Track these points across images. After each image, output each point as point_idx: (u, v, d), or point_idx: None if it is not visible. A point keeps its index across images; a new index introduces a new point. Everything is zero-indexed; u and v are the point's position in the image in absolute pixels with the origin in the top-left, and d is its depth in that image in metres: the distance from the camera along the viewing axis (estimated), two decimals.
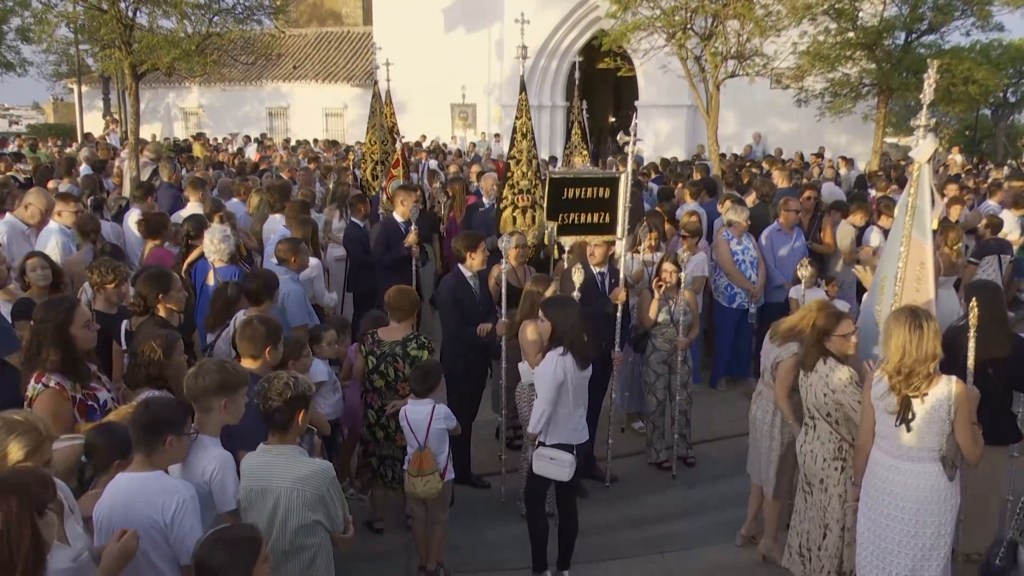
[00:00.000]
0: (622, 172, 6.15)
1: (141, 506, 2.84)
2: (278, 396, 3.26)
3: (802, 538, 4.41)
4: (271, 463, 3.29)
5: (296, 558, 3.28)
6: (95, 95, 29.74)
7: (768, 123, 21.99)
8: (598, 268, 6.04)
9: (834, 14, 14.89)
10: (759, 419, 4.93)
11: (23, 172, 12.36)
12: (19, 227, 5.85)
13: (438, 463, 4.63)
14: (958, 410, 3.61)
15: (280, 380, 3.32)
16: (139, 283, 4.67)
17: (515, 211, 7.48)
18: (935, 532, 3.70)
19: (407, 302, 5.16)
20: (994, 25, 16.34)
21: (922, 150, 4.23)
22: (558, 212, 6.09)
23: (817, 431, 4.26)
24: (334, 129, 27.75)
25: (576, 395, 4.52)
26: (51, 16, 13.56)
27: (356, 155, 16.80)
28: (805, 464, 4.33)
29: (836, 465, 4.19)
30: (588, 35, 22.66)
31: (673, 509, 5.86)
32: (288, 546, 3.24)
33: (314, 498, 3.26)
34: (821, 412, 4.20)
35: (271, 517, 3.24)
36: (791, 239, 7.98)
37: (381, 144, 10.75)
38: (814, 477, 4.27)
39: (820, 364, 4.20)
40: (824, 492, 4.25)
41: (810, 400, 4.25)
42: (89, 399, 3.76)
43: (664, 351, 6.28)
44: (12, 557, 2.11)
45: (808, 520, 4.36)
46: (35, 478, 2.30)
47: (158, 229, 6.61)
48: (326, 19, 33.79)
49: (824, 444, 4.22)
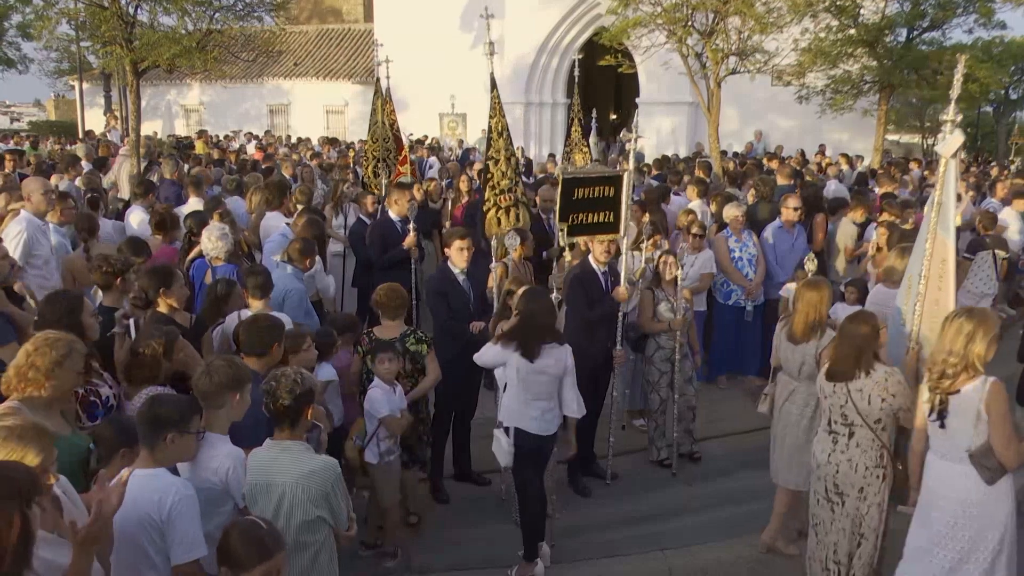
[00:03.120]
0: (625, 170, 6.13)
1: (140, 503, 2.83)
2: (288, 393, 3.27)
3: (828, 550, 4.29)
4: (277, 458, 3.30)
5: (300, 554, 3.28)
6: (96, 92, 29.74)
7: (769, 120, 21.96)
8: (600, 267, 6.04)
9: (835, 11, 14.87)
10: (793, 414, 4.91)
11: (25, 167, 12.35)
12: (36, 222, 5.86)
13: (363, 434, 4.77)
14: (990, 410, 3.57)
15: (288, 377, 3.33)
16: (141, 277, 4.70)
17: (499, 212, 7.47)
18: (972, 538, 3.65)
19: (399, 300, 5.18)
20: (996, 22, 16.34)
21: (948, 144, 4.15)
22: (569, 213, 5.99)
23: (856, 439, 4.15)
24: (335, 126, 27.74)
25: (528, 387, 4.68)
26: (52, 13, 13.58)
27: (356, 152, 16.79)
28: (838, 474, 4.19)
29: (878, 473, 4.14)
30: (589, 32, 22.64)
31: (673, 506, 5.85)
32: (292, 542, 3.24)
33: (319, 494, 3.27)
34: (869, 419, 4.10)
35: (275, 512, 3.24)
36: (792, 237, 7.98)
37: (382, 141, 10.75)
38: (850, 487, 4.18)
39: (872, 372, 4.10)
40: (863, 501, 4.17)
41: (856, 406, 4.12)
42: (92, 395, 3.77)
43: (668, 348, 6.27)
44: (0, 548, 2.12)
45: (836, 532, 4.25)
46: (21, 471, 2.32)
47: (171, 226, 6.63)
48: (327, 16, 33.76)
49: (865, 452, 4.14)
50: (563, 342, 4.79)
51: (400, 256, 7.13)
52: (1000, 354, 4.12)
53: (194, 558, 2.86)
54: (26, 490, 2.23)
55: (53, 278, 5.79)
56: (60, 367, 3.22)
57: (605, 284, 5.98)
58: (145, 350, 3.90)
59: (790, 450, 4.92)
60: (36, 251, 5.74)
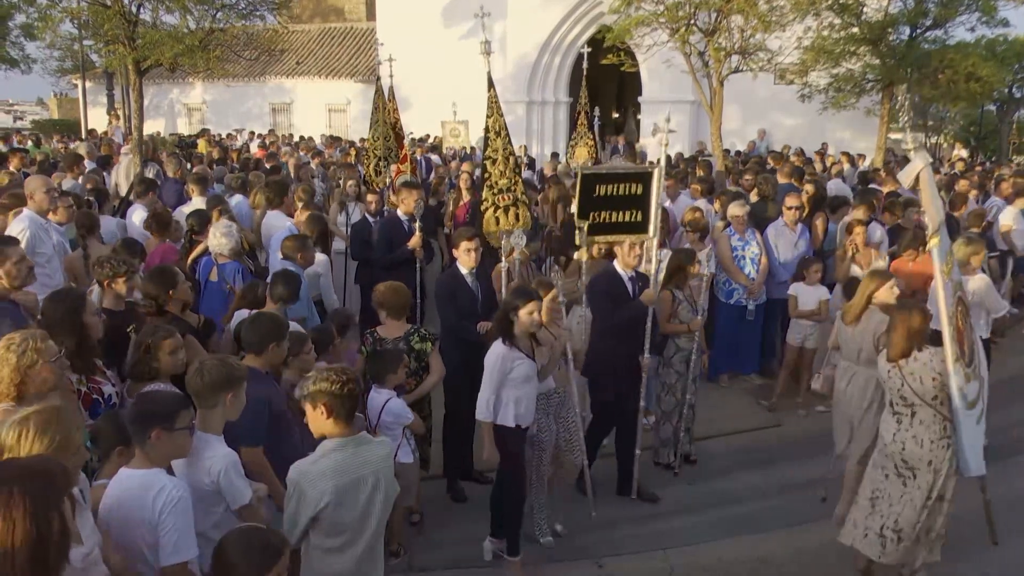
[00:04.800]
0: (655, 167, 5.85)
1: (134, 503, 2.82)
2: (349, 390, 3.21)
3: (888, 520, 4.48)
4: (357, 453, 3.22)
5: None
6: (99, 91, 29.72)
7: (771, 119, 21.92)
8: (627, 271, 5.79)
9: (838, 9, 14.83)
10: (855, 396, 5.27)
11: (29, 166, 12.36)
12: (39, 221, 5.86)
13: None
14: None
15: (342, 373, 3.25)
16: (146, 284, 4.68)
17: (497, 211, 7.44)
18: None
19: (403, 299, 5.19)
20: (999, 20, 16.28)
21: (908, 172, 4.53)
22: (588, 210, 5.71)
23: (918, 417, 4.41)
24: (337, 125, 27.74)
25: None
26: (55, 12, 13.59)
27: (358, 151, 16.78)
28: (904, 451, 4.42)
29: (943, 444, 4.37)
30: (591, 31, 22.59)
31: (674, 506, 5.86)
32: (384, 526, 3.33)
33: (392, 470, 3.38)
34: (926, 397, 4.36)
35: (369, 502, 3.22)
36: (795, 236, 7.98)
37: (384, 140, 10.76)
38: (919, 461, 4.40)
39: (919, 352, 4.39)
40: (935, 473, 4.38)
41: (912, 388, 4.38)
42: (94, 392, 3.79)
43: (687, 350, 6.19)
44: (44, 542, 2.11)
45: (904, 503, 4.44)
46: (57, 467, 2.31)
47: (165, 226, 6.64)
48: (329, 15, 33.76)
49: (928, 428, 4.39)
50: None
51: (405, 256, 7.15)
52: (1010, 350, 4.26)
53: (183, 560, 2.82)
54: (62, 485, 2.23)
55: (56, 276, 5.79)
56: (32, 369, 3.16)
57: (633, 289, 5.75)
58: (145, 347, 3.91)
59: (854, 430, 5.27)
60: (40, 249, 5.73)
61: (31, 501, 2.10)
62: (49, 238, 5.94)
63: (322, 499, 3.08)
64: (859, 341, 5.25)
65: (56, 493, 2.17)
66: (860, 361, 5.26)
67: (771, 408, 7.49)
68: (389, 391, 4.82)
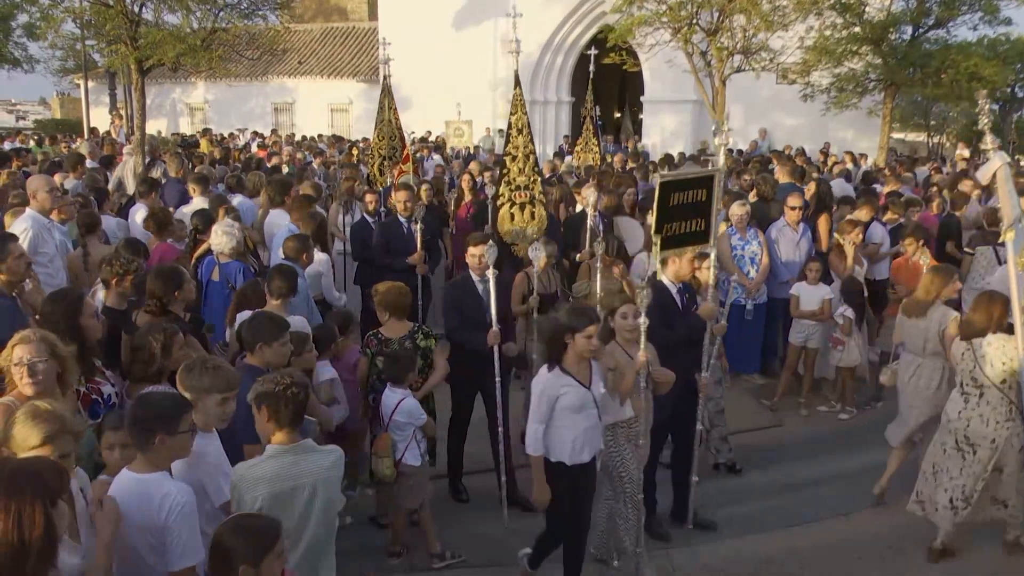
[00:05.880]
0: (717, 169, 5.16)
1: (139, 508, 2.82)
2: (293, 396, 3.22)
3: (954, 492, 4.80)
4: (296, 461, 3.23)
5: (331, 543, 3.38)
6: (101, 91, 29.77)
7: (773, 118, 21.91)
8: (675, 283, 5.32)
9: (840, 8, 14.85)
10: (921, 388, 5.46)
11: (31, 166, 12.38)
12: (41, 220, 5.87)
13: (396, 449, 4.73)
14: None
15: (287, 377, 3.27)
16: (151, 283, 4.66)
17: (512, 207, 7.42)
18: None
19: (404, 298, 5.19)
20: (1002, 19, 16.27)
21: (986, 170, 4.87)
22: (663, 223, 4.95)
23: (986, 398, 4.68)
24: (339, 125, 27.75)
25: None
26: (57, 12, 13.62)
27: (361, 150, 16.79)
28: (969, 428, 4.71)
29: (1008, 426, 4.64)
30: (593, 30, 22.60)
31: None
32: (327, 535, 3.33)
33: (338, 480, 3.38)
34: (996, 380, 4.62)
35: (306, 511, 3.22)
36: (797, 235, 7.96)
37: (388, 140, 10.76)
38: (982, 439, 4.68)
39: (993, 337, 4.64)
40: (992, 449, 4.66)
41: (983, 370, 4.65)
42: (93, 393, 3.78)
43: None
44: (25, 546, 2.11)
45: (965, 476, 4.75)
46: (49, 468, 2.30)
47: (164, 225, 6.65)
48: (331, 14, 33.77)
49: (995, 409, 4.65)
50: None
51: (402, 267, 7.02)
52: None
53: (190, 565, 2.83)
54: (52, 488, 2.22)
55: (59, 276, 5.80)
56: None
57: (681, 301, 5.33)
58: (145, 346, 3.90)
59: (918, 419, 5.51)
60: (42, 249, 5.74)
61: (16, 502, 2.10)
62: (52, 238, 5.95)
63: (255, 504, 3.10)
64: (924, 334, 5.40)
65: (46, 493, 2.17)
66: (926, 353, 5.44)
67: (773, 408, 7.49)
68: (404, 390, 4.80)
